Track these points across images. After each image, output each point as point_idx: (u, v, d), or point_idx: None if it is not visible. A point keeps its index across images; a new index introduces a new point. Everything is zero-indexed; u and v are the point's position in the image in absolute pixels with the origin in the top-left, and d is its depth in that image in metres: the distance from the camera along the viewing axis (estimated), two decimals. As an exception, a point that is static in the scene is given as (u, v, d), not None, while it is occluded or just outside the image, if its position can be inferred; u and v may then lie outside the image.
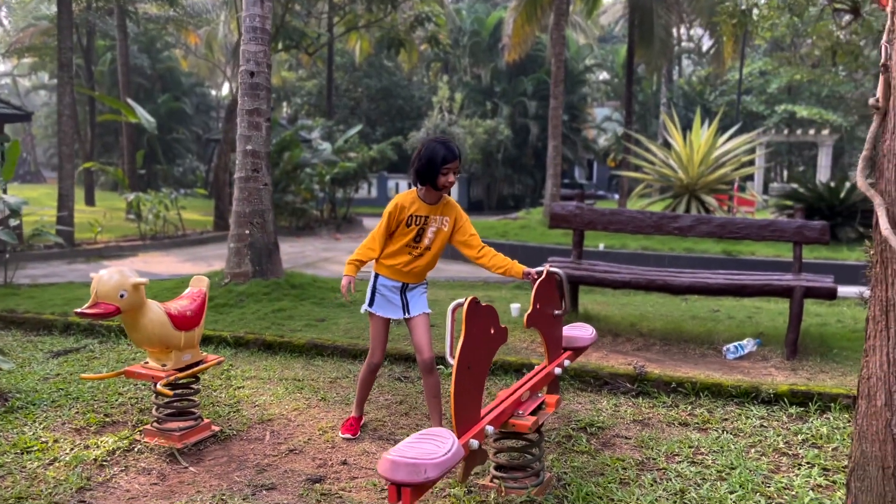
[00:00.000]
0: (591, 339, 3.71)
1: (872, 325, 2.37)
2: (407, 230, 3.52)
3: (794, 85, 28.24)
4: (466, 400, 2.67)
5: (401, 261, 3.55)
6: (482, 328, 2.75)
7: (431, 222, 3.54)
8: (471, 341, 2.65)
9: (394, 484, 2.29)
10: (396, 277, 3.58)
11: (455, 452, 2.35)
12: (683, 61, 39.92)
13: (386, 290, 3.60)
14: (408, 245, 3.54)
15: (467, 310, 2.65)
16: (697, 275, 5.50)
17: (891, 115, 2.29)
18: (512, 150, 29.70)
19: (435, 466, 2.28)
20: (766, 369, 4.81)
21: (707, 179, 14.25)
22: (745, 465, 3.31)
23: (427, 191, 3.51)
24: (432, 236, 3.56)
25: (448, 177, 3.43)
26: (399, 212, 3.52)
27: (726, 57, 23.83)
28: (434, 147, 3.42)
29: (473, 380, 2.70)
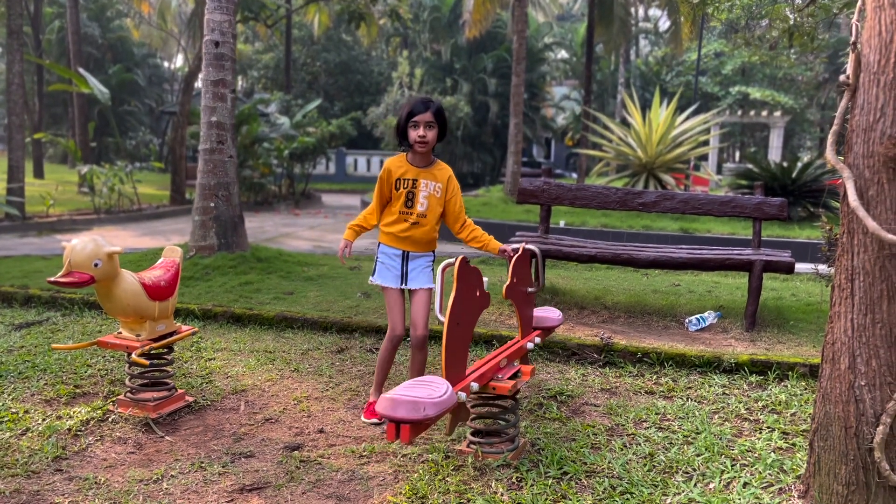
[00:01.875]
0: (559, 320, 3.81)
1: (838, 292, 2.49)
2: (397, 194, 3.44)
3: (747, 67, 28.79)
4: (455, 355, 2.75)
5: (398, 228, 3.47)
6: (471, 287, 2.83)
7: (422, 186, 3.43)
8: (461, 298, 2.73)
9: (393, 421, 2.35)
10: (396, 244, 3.50)
11: (450, 395, 2.43)
12: (641, 41, 40.29)
13: (386, 258, 3.52)
14: (401, 211, 3.45)
15: (459, 268, 2.72)
16: (661, 249, 5.64)
17: (860, 91, 2.39)
18: (472, 128, 29.67)
19: (433, 405, 2.36)
20: (727, 340, 4.98)
21: (665, 158, 14.51)
22: (709, 429, 3.44)
23: (413, 153, 3.43)
24: (425, 202, 3.44)
25: (418, 131, 3.31)
26: (388, 175, 3.44)
27: (683, 38, 24.12)
28: (408, 101, 3.36)
29: (461, 336, 2.78)
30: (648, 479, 2.90)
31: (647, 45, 41.62)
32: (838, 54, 26.19)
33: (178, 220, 15.55)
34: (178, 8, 29.95)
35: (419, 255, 3.54)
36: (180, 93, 18.22)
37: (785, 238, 11.40)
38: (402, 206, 3.44)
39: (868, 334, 2.37)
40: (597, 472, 2.98)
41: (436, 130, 3.37)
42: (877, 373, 2.36)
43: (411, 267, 3.52)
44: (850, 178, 2.39)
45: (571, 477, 2.93)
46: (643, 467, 3.02)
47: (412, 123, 3.31)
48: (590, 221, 12.71)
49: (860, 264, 2.39)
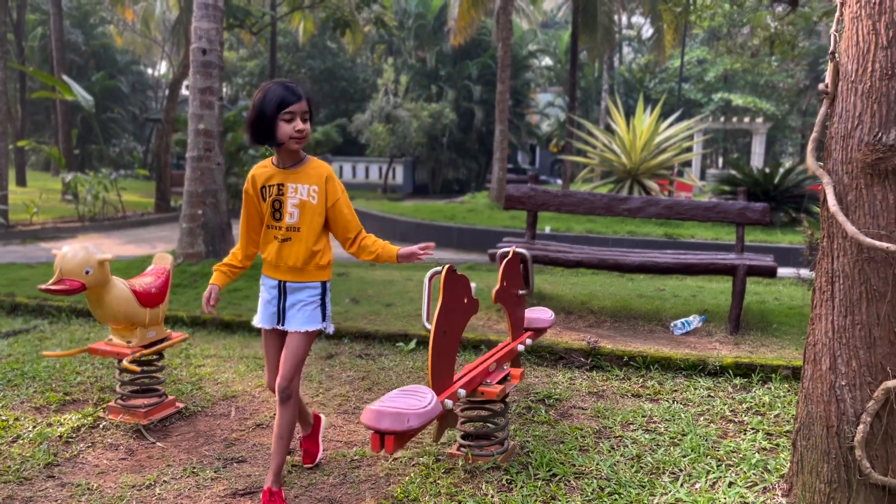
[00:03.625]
0: (550, 321, 3.86)
1: (819, 295, 2.56)
2: (264, 205, 2.76)
3: (730, 74, 29.10)
4: (442, 363, 2.78)
5: (269, 249, 2.76)
6: (458, 296, 2.87)
7: (290, 192, 2.72)
8: (448, 307, 2.76)
9: (378, 432, 2.39)
10: (271, 273, 2.80)
11: (434, 406, 2.47)
12: (624, 48, 40.62)
13: (264, 290, 2.84)
14: (269, 226, 2.76)
15: (445, 277, 2.76)
16: (647, 254, 5.71)
17: (839, 99, 2.47)
18: (457, 134, 29.78)
19: (417, 416, 2.40)
20: (712, 344, 5.05)
21: (649, 164, 14.65)
22: (695, 431, 3.50)
23: (277, 152, 2.76)
24: (295, 211, 2.71)
25: (294, 124, 2.64)
26: (252, 185, 2.78)
27: (666, 45, 24.38)
28: (267, 89, 2.66)
29: (448, 345, 2.82)
30: (636, 480, 2.95)
31: (631, 52, 41.98)
32: (819, 62, 26.57)
33: (164, 227, 15.50)
34: (162, 15, 29.86)
35: (299, 286, 2.77)
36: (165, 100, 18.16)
37: (768, 243, 11.54)
38: (270, 220, 2.75)
39: (848, 335, 2.44)
40: (585, 473, 3.03)
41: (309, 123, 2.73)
42: (857, 373, 2.43)
43: (289, 302, 2.78)
44: (829, 184, 2.46)
45: (560, 479, 2.98)
46: (630, 468, 3.07)
47: (285, 115, 2.63)
48: (575, 227, 12.80)
49: (840, 267, 2.46)
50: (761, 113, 26.58)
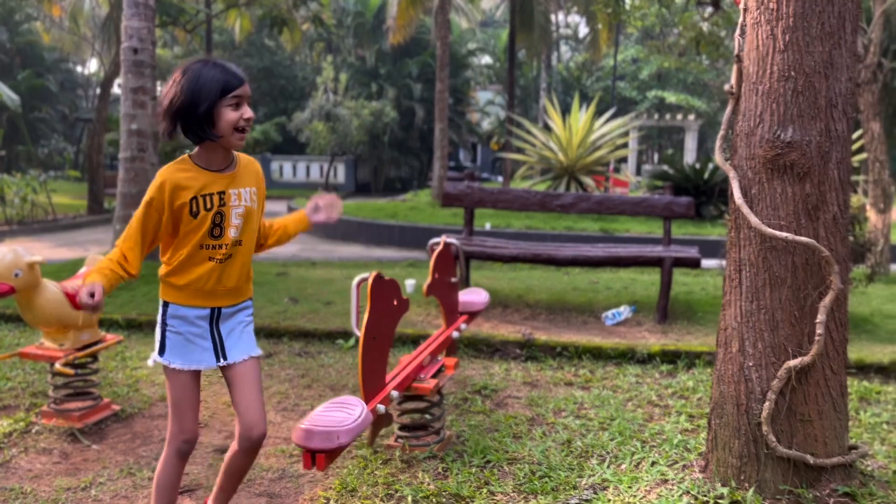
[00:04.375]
0: (485, 303, 3.98)
1: (728, 283, 2.74)
2: (195, 222, 2.17)
3: (663, 72, 29.90)
4: (372, 368, 2.85)
5: (200, 273, 2.22)
6: (386, 301, 2.94)
7: (233, 200, 2.22)
8: (376, 313, 2.83)
9: (309, 451, 2.44)
10: (199, 302, 2.25)
11: (364, 418, 2.53)
12: (562, 47, 41.28)
13: (185, 325, 2.25)
14: (204, 246, 2.21)
15: (372, 284, 2.82)
16: (579, 248, 5.90)
17: (742, 99, 2.64)
18: (398, 133, 29.80)
19: (347, 433, 2.45)
20: (641, 333, 5.26)
21: (585, 161, 14.99)
22: (623, 416, 3.67)
23: (206, 150, 2.20)
24: (239, 223, 2.24)
25: (241, 111, 2.16)
26: (171, 195, 2.15)
27: (602, 44, 24.92)
28: (197, 70, 2.13)
29: (378, 349, 2.89)
30: (566, 464, 3.08)
31: (568, 50, 42.68)
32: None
33: (97, 230, 15.10)
34: (91, 12, 28.95)
35: (234, 308, 2.33)
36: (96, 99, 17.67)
37: (698, 236, 11.95)
38: (206, 238, 2.20)
39: (754, 319, 2.62)
40: (518, 459, 3.15)
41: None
42: (762, 354, 2.61)
43: (225, 330, 2.31)
44: (735, 179, 2.63)
45: (494, 465, 3.09)
46: (561, 453, 3.21)
47: (231, 101, 2.13)
48: (514, 224, 13.01)
49: (746, 256, 2.64)
50: (693, 110, 27.43)
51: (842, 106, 2.54)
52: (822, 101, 2.50)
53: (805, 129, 2.49)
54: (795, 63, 2.48)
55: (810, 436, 2.61)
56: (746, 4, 2.67)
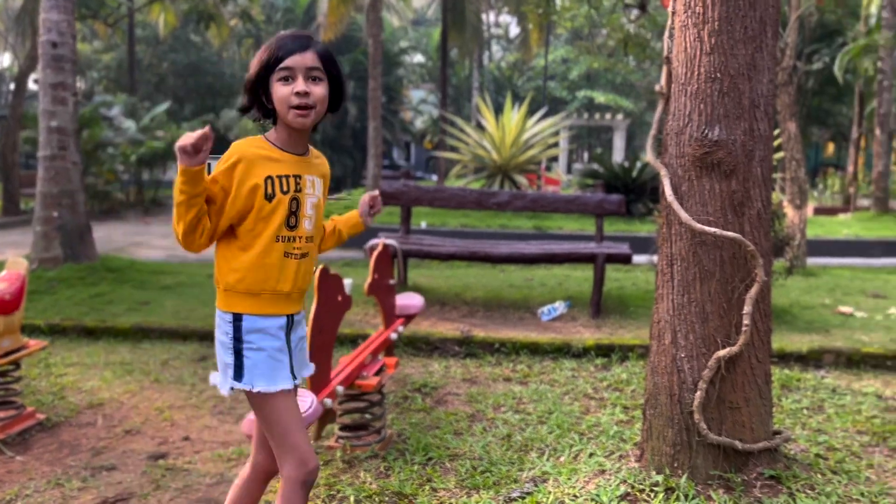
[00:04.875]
0: (420, 307, 4.00)
1: (661, 277, 2.83)
2: (269, 206, 1.89)
3: (592, 72, 30.55)
4: (318, 362, 2.83)
5: (279, 273, 1.93)
6: (331, 295, 2.93)
7: (307, 188, 1.97)
8: (323, 306, 2.82)
9: None
10: (277, 309, 1.96)
11: (315, 409, 2.51)
12: (493, 47, 41.67)
13: (267, 339, 1.94)
14: (280, 238, 1.92)
15: (319, 277, 2.81)
16: (514, 246, 5.98)
17: (672, 100, 2.73)
18: (330, 131, 29.50)
19: None
20: (576, 328, 5.37)
21: (518, 160, 15.19)
22: (560, 409, 3.74)
23: (283, 129, 1.96)
24: (313, 214, 2.00)
25: (295, 84, 1.88)
26: (243, 174, 1.87)
27: (532, 44, 25.31)
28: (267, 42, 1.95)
29: (325, 343, 2.87)
30: (506, 458, 3.13)
31: (500, 50, 43.11)
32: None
33: (13, 231, 14.40)
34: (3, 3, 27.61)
35: (300, 316, 2.07)
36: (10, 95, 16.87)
37: (628, 232, 12.27)
38: (283, 228, 1.92)
39: (686, 312, 2.72)
40: (459, 455, 3.17)
41: (326, 87, 1.93)
42: (694, 345, 2.70)
43: (294, 341, 2.04)
44: (666, 176, 2.72)
45: (436, 462, 3.11)
46: (502, 447, 3.25)
47: (282, 74, 1.88)
48: (450, 222, 13.07)
49: (677, 251, 2.73)
50: (621, 110, 28.11)
51: (764, 106, 2.65)
52: (745, 102, 2.61)
53: (731, 129, 2.60)
54: (721, 65, 2.58)
55: (738, 422, 2.72)
56: (675, 8, 2.76)
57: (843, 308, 6.03)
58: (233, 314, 1.92)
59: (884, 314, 5.84)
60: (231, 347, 1.93)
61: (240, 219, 1.90)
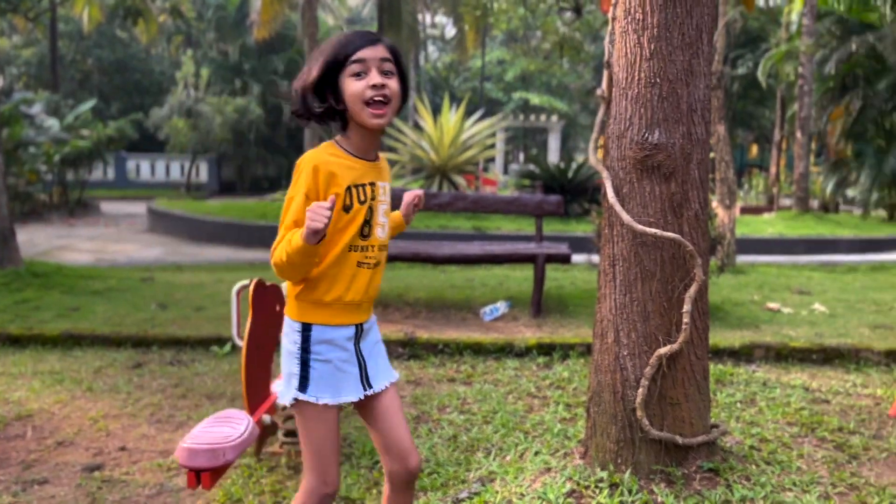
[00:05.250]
0: None
1: (603, 277, 2.88)
2: (346, 217, 1.85)
3: (527, 74, 30.93)
4: (256, 378, 2.78)
5: (350, 283, 1.89)
6: (269, 307, 2.87)
7: (381, 194, 1.93)
8: (259, 321, 2.75)
9: (193, 470, 2.34)
10: (346, 319, 1.92)
11: (251, 432, 2.46)
12: (430, 47, 41.73)
13: (334, 350, 1.90)
14: (353, 248, 1.88)
15: (254, 291, 2.75)
16: (456, 247, 6.01)
17: (613, 103, 2.79)
18: (265, 130, 28.99)
19: (233, 449, 2.37)
20: (517, 327, 5.43)
21: (456, 161, 15.25)
22: (505, 408, 3.78)
23: (357, 132, 1.88)
24: (386, 221, 1.96)
25: (369, 78, 1.79)
26: (325, 185, 1.81)
27: (469, 45, 25.43)
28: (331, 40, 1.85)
29: (262, 358, 2.82)
30: (453, 459, 3.14)
31: (436, 51, 43.20)
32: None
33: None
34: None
35: (370, 323, 2.02)
36: (-78, 90, 15.98)
37: (564, 232, 12.48)
38: (357, 238, 1.87)
39: (628, 311, 2.78)
40: (406, 457, 3.17)
41: (398, 82, 1.86)
42: (636, 343, 2.77)
43: (365, 351, 1.98)
44: (608, 178, 2.78)
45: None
46: (448, 448, 3.26)
47: (354, 68, 1.79)
48: (388, 222, 13.02)
49: (619, 252, 2.79)
50: (556, 112, 28.57)
51: (700, 111, 2.74)
52: (684, 107, 2.68)
53: (670, 133, 2.67)
54: (660, 70, 2.65)
55: (678, 418, 2.80)
56: (615, 14, 2.82)
57: (771, 304, 6.28)
58: (302, 324, 1.89)
59: (808, 309, 6.11)
60: (298, 357, 1.90)
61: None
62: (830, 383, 4.20)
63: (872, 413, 3.69)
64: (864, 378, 4.31)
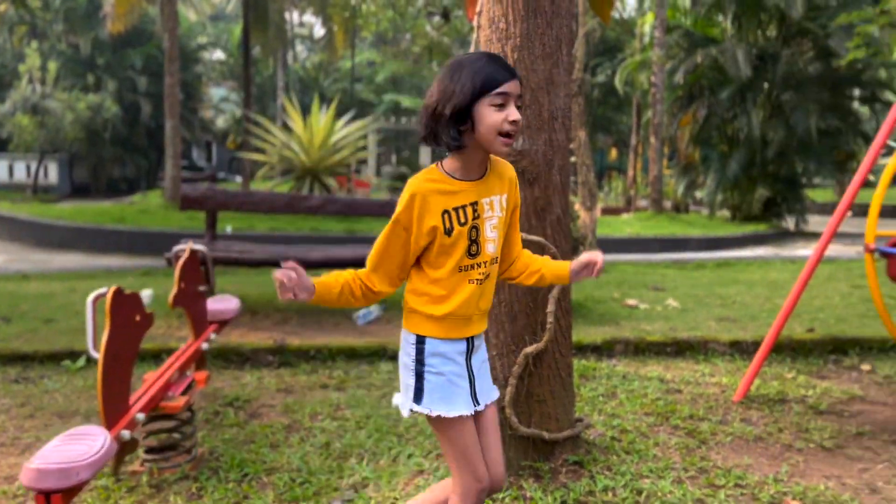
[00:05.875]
0: (236, 310, 3.84)
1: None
2: (449, 240, 1.88)
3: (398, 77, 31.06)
4: (114, 391, 2.62)
5: (461, 300, 1.92)
6: (127, 316, 2.71)
7: (486, 211, 1.93)
8: (116, 331, 2.60)
9: (42, 493, 2.17)
10: (458, 333, 1.96)
11: (108, 449, 2.31)
12: (298, 46, 40.99)
13: (447, 364, 1.95)
14: (462, 268, 1.92)
15: (111, 300, 2.59)
16: (328, 251, 5.93)
17: (479, 110, 2.86)
18: (122, 129, 27.43)
19: (88, 467, 2.22)
20: (391, 330, 5.44)
21: (327, 162, 15.07)
22: (378, 413, 3.77)
23: (463, 156, 1.89)
24: (496, 235, 1.95)
25: (507, 112, 1.80)
26: (420, 211, 1.86)
27: (338, 45, 25.19)
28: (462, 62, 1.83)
29: (120, 370, 2.67)
30: (326, 467, 3.10)
31: (304, 50, 42.50)
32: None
33: None
34: None
35: (481, 337, 2.07)
36: None
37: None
38: (464, 258, 1.91)
39: (496, 312, 2.85)
40: (277, 468, 3.09)
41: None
42: (503, 344, 2.85)
43: (475, 367, 2.03)
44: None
45: (252, 477, 3.01)
46: (320, 456, 3.21)
47: (497, 100, 1.80)
48: (258, 226, 12.67)
49: (487, 255, 2.86)
50: (426, 114, 28.84)
51: (561, 119, 2.85)
52: (545, 115, 2.79)
53: (533, 140, 2.77)
54: (524, 79, 2.74)
55: (545, 414, 2.91)
56: (479, 23, 2.89)
57: (629, 301, 6.65)
58: (417, 336, 1.95)
59: (662, 305, 6.52)
60: (413, 370, 1.96)
61: (424, 252, 1.92)
62: (683, 374, 4.50)
63: (719, 400, 3.99)
64: (711, 368, 4.65)
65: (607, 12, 3.86)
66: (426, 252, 1.91)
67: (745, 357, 4.81)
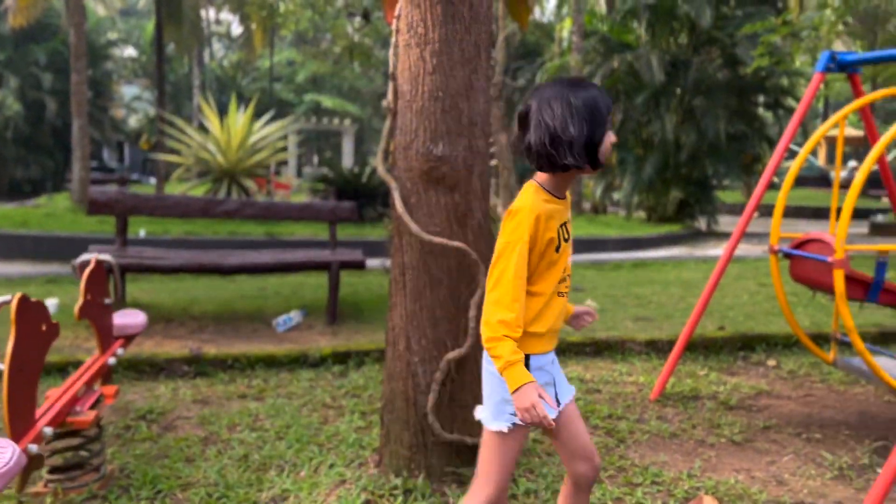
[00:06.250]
0: (142, 325, 3.69)
1: (394, 285, 2.92)
2: (556, 256, 1.97)
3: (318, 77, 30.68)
4: (20, 403, 2.47)
5: (556, 313, 2.02)
6: (33, 325, 2.57)
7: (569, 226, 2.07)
8: (22, 341, 2.45)
9: None
10: (551, 345, 2.06)
11: (17, 460, 2.18)
12: (215, 45, 39.93)
13: (542, 376, 2.02)
14: (560, 280, 2.02)
15: (17, 308, 2.44)
16: (246, 256, 5.78)
17: (400, 115, 2.84)
18: (24, 128, 26.04)
19: None
20: (312, 336, 5.34)
21: (246, 164, 14.73)
22: (299, 422, 3.69)
23: (562, 177, 1.98)
24: (571, 251, 2.09)
25: (610, 136, 1.96)
26: (543, 230, 1.93)
27: (256, 44, 24.66)
28: (593, 95, 1.91)
29: (26, 382, 2.52)
30: (244, 480, 3.01)
31: (222, 48, 41.44)
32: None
33: None
34: None
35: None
36: None
37: (359, 237, 12.52)
38: (561, 272, 2.02)
39: (418, 318, 2.84)
40: (192, 483, 2.98)
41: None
42: (426, 350, 2.84)
43: (555, 369, 2.14)
44: (396, 189, 2.82)
45: (166, 494, 2.89)
46: (238, 469, 3.12)
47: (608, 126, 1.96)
48: (172, 230, 12.25)
49: (409, 260, 2.84)
50: (349, 115, 28.62)
51: (481, 124, 2.86)
52: (465, 120, 2.79)
53: (453, 145, 2.76)
54: (443, 85, 2.74)
55: (468, 420, 2.90)
56: (398, 26, 2.87)
57: (549, 302, 6.76)
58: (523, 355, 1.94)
59: (582, 305, 6.65)
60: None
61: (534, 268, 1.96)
62: (601, 373, 4.60)
63: (636, 399, 4.09)
64: (629, 367, 4.77)
65: (525, 18, 3.91)
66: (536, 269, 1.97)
67: (661, 356, 4.96)
